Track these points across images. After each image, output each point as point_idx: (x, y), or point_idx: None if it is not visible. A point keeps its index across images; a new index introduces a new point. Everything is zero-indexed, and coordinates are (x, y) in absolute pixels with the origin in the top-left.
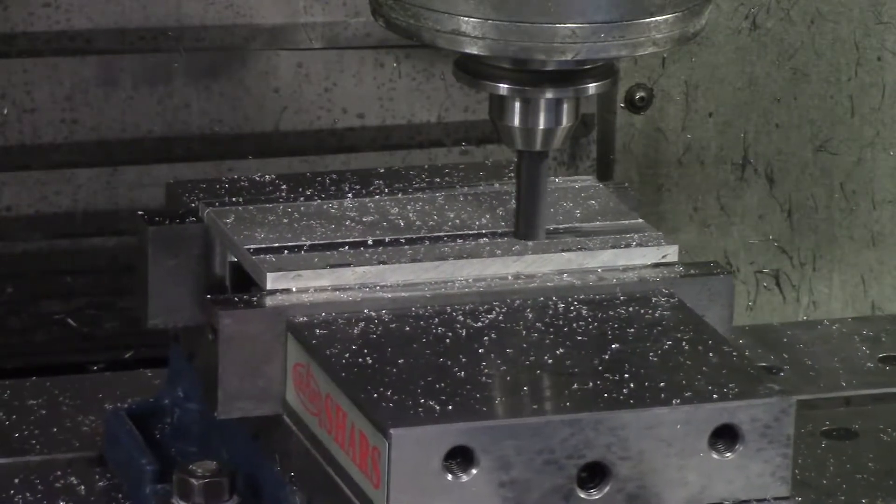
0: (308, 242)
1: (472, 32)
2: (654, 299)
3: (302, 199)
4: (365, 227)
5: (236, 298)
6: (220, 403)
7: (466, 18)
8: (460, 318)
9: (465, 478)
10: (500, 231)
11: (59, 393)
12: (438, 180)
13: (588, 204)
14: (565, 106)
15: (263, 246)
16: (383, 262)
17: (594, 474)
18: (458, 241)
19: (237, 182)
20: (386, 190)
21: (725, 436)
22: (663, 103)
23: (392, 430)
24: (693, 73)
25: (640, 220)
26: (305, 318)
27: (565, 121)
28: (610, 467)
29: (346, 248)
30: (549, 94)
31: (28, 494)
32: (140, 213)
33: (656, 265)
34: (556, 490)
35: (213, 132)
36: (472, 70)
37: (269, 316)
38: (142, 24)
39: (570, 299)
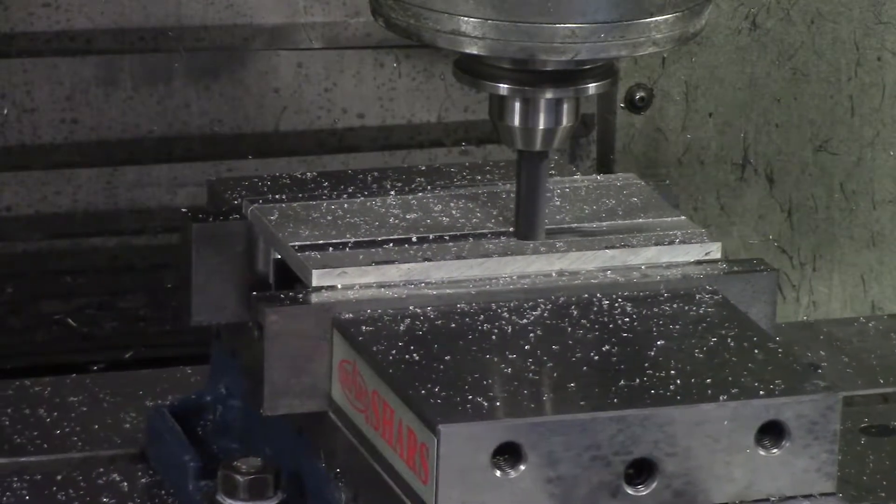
0: (352, 239)
1: (472, 32)
2: (697, 296)
3: (345, 196)
4: (408, 224)
5: (282, 295)
6: (266, 400)
7: (466, 18)
8: (505, 314)
9: (513, 474)
10: (544, 227)
11: (100, 390)
12: (479, 178)
13: (630, 201)
14: (565, 106)
15: (308, 243)
16: (428, 259)
17: (641, 470)
18: (502, 237)
19: (279, 179)
20: (428, 187)
21: (772, 432)
22: (663, 103)
23: (441, 427)
24: (693, 73)
25: (683, 217)
26: (351, 315)
27: (565, 121)
28: (657, 463)
29: (391, 245)
30: (549, 94)
31: (71, 491)
32: (184, 210)
33: (699, 262)
34: (604, 486)
35: (213, 132)
36: (472, 70)
37: (314, 313)
38: (142, 24)
39: (614, 296)
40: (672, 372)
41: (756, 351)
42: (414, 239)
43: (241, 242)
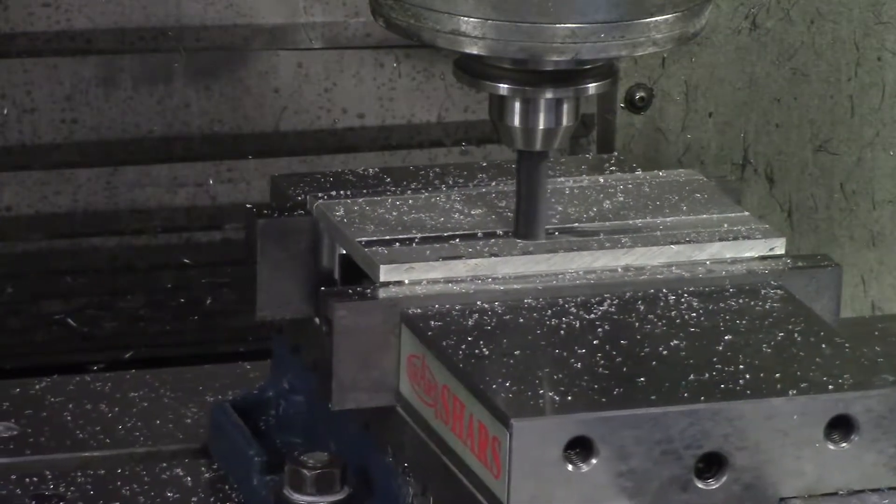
0: (418, 235)
1: (472, 32)
2: (763, 291)
3: (408, 192)
4: (474, 219)
5: (350, 291)
6: (334, 395)
7: (466, 18)
8: (573, 309)
9: (584, 468)
10: (607, 223)
11: (160, 385)
12: None
13: (694, 197)
14: (565, 106)
15: (374, 238)
16: (494, 255)
17: (711, 464)
18: (567, 233)
19: (341, 175)
20: (492, 183)
21: (841, 426)
22: (663, 103)
23: (513, 421)
24: (693, 73)
25: (746, 212)
26: (419, 310)
27: (565, 121)
28: (727, 457)
29: (457, 240)
30: (549, 94)
31: (135, 486)
32: (248, 206)
33: (763, 258)
34: (674, 480)
35: (213, 132)
36: (472, 70)
37: (383, 308)
38: (142, 24)
39: (679, 291)
40: (741, 367)
41: (823, 346)
42: (480, 234)
43: (305, 238)
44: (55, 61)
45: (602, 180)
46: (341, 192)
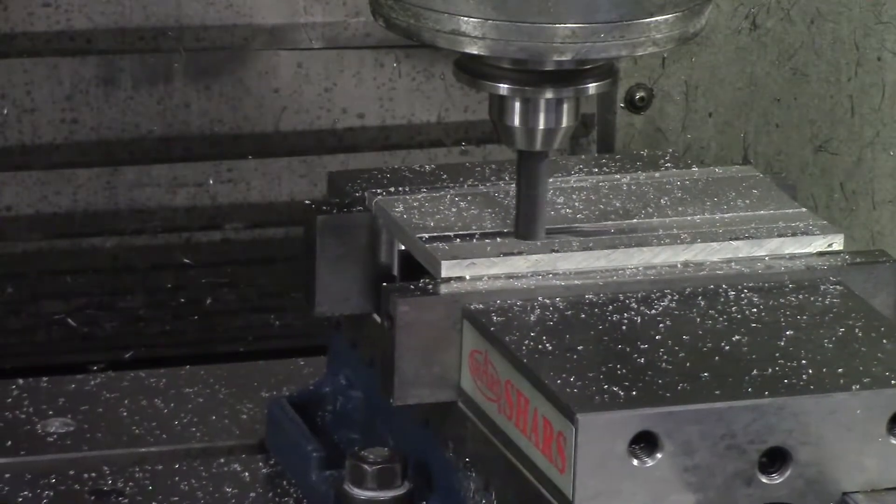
0: (478, 231)
1: (472, 32)
2: (822, 287)
3: (466, 188)
4: None
5: (412, 286)
6: (396, 390)
7: (466, 18)
8: (634, 305)
9: (649, 462)
10: (667, 219)
11: (215, 381)
12: (597, 170)
13: (751, 193)
14: (565, 106)
15: (435, 234)
16: (555, 251)
17: (774, 459)
18: (627, 228)
19: (398, 172)
20: (550, 180)
21: None
22: (663, 103)
23: (579, 416)
24: (693, 73)
25: (804, 208)
26: (481, 306)
27: (565, 121)
28: (790, 452)
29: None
30: (549, 94)
31: (193, 481)
32: (307, 202)
33: (822, 253)
34: (738, 475)
35: (213, 132)
36: (472, 70)
37: (445, 303)
38: (142, 24)
39: (739, 287)
40: (803, 362)
41: (885, 341)
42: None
43: (364, 234)
44: (55, 61)
45: (658, 176)
46: (399, 188)
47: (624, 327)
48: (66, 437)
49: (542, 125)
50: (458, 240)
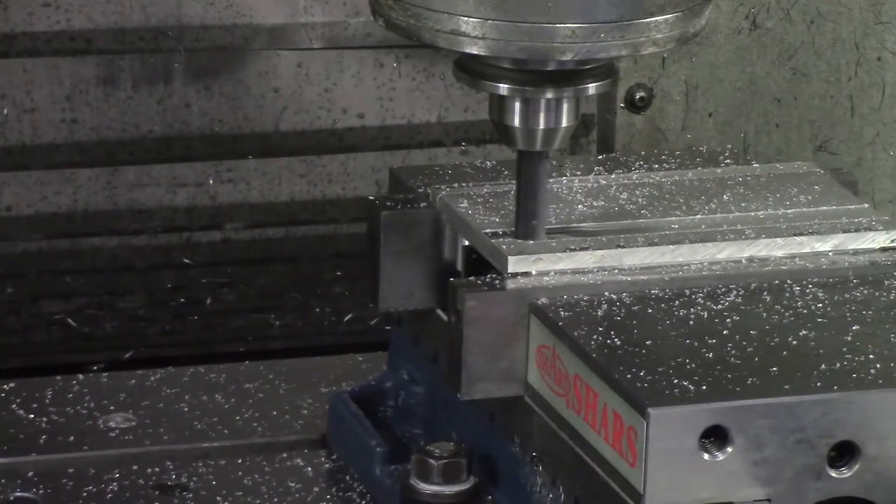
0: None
1: (472, 32)
2: (886, 282)
3: None
4: (598, 210)
5: (479, 282)
6: (463, 385)
7: (466, 18)
8: (700, 300)
9: (720, 456)
10: (730, 215)
11: (275, 377)
12: (657, 166)
13: (813, 189)
14: (565, 106)
15: (500, 230)
16: (620, 246)
17: (843, 453)
18: (690, 224)
19: (460, 167)
20: (612, 175)
21: None
22: (663, 103)
23: (650, 410)
24: (693, 73)
25: (865, 204)
26: (548, 301)
27: (565, 121)
28: (860, 446)
29: (582, 231)
30: (549, 95)
31: (257, 476)
32: (370, 198)
33: (885, 248)
34: (808, 469)
35: (213, 132)
36: (472, 70)
37: (512, 298)
38: (142, 24)
39: (804, 282)
40: (871, 356)
41: None
42: (605, 225)
43: (428, 230)
44: (55, 61)
45: (720, 173)
46: (462, 183)
47: (691, 322)
48: (128, 431)
49: (542, 125)
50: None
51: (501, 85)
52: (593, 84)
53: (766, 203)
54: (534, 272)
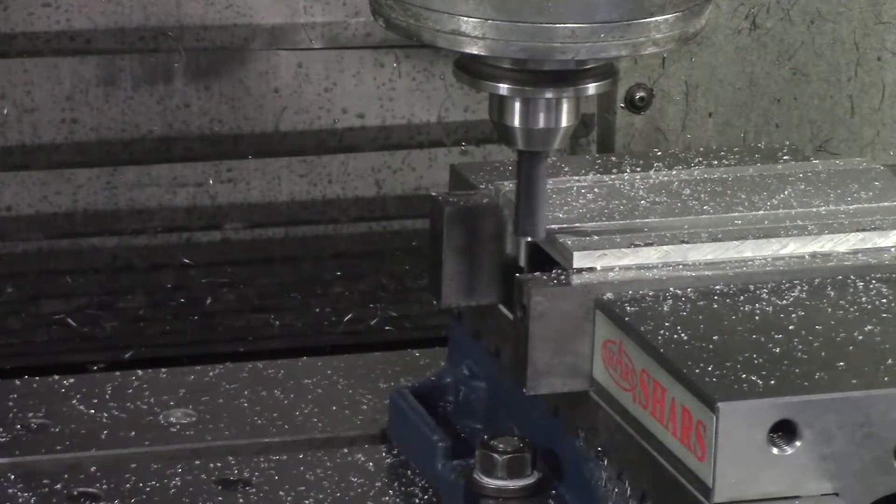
0: (608, 222)
1: (472, 32)
2: None
3: (590, 179)
4: (661, 206)
5: (545, 277)
6: (528, 380)
7: (466, 18)
8: (764, 295)
9: (788, 451)
10: (793, 211)
11: (332, 373)
12: (716, 162)
13: (873, 185)
14: (565, 106)
15: (564, 226)
16: (684, 242)
17: None
18: (753, 220)
19: None
20: (672, 172)
21: None
22: (663, 103)
23: (720, 404)
24: (693, 73)
25: None
26: (613, 296)
27: (565, 121)
28: None
29: (646, 227)
30: (549, 94)
31: (318, 471)
32: (433, 193)
33: None
34: (875, 463)
35: (213, 132)
36: (472, 70)
37: (578, 293)
38: (142, 24)
39: (867, 277)
40: None
41: None
42: (668, 221)
43: (491, 225)
44: (55, 61)
45: (780, 169)
46: None
47: (756, 317)
48: (189, 427)
49: (541, 125)
50: (588, 231)
51: (501, 85)
52: (593, 84)
53: (828, 199)
54: (599, 267)
